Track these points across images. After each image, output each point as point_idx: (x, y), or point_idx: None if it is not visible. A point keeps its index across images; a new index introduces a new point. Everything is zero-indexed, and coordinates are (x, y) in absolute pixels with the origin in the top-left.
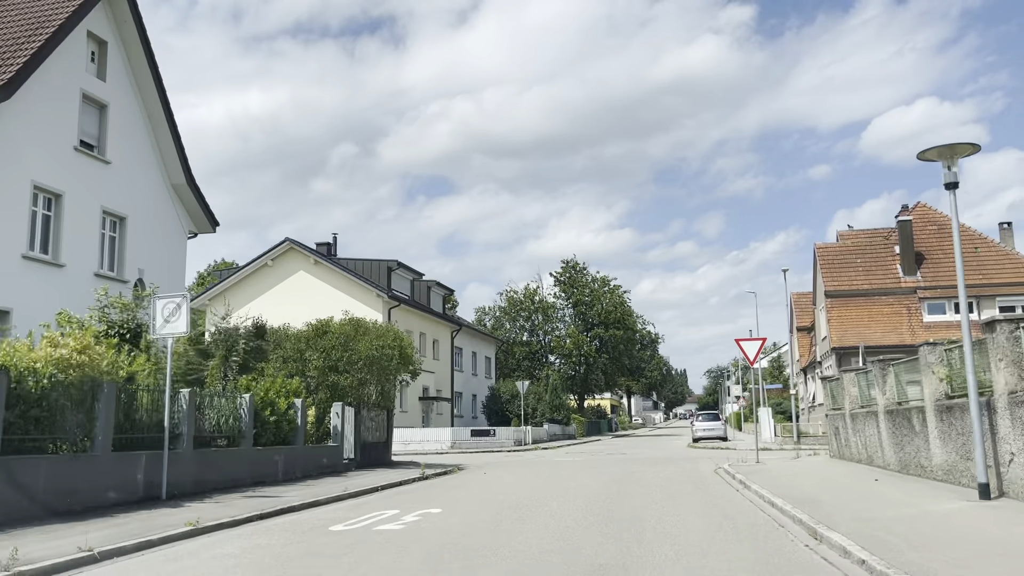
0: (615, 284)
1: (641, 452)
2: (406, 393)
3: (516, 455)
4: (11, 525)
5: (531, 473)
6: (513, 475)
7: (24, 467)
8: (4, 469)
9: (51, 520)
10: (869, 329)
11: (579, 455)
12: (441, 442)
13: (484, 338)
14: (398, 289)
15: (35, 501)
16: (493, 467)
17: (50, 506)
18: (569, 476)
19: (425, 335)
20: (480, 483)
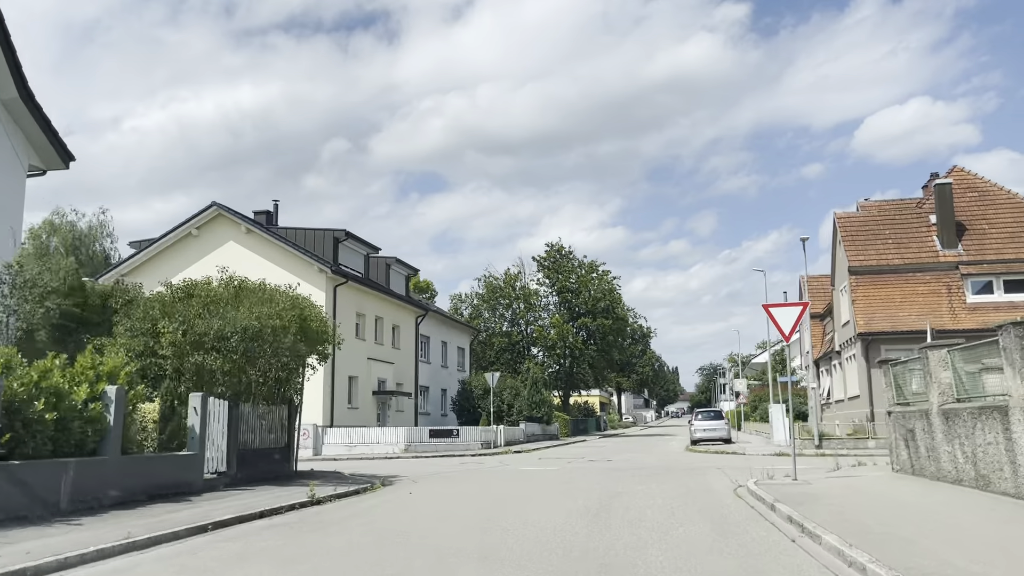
0: (604, 270)
1: (630, 457)
2: (356, 387)
3: (478, 461)
4: None
5: (474, 493)
6: (446, 497)
7: None
8: None
9: None
10: (902, 311)
11: (554, 462)
12: (394, 444)
13: (456, 326)
14: (348, 264)
15: None
16: (433, 481)
17: None
18: (524, 500)
19: (382, 320)
20: (384, 515)
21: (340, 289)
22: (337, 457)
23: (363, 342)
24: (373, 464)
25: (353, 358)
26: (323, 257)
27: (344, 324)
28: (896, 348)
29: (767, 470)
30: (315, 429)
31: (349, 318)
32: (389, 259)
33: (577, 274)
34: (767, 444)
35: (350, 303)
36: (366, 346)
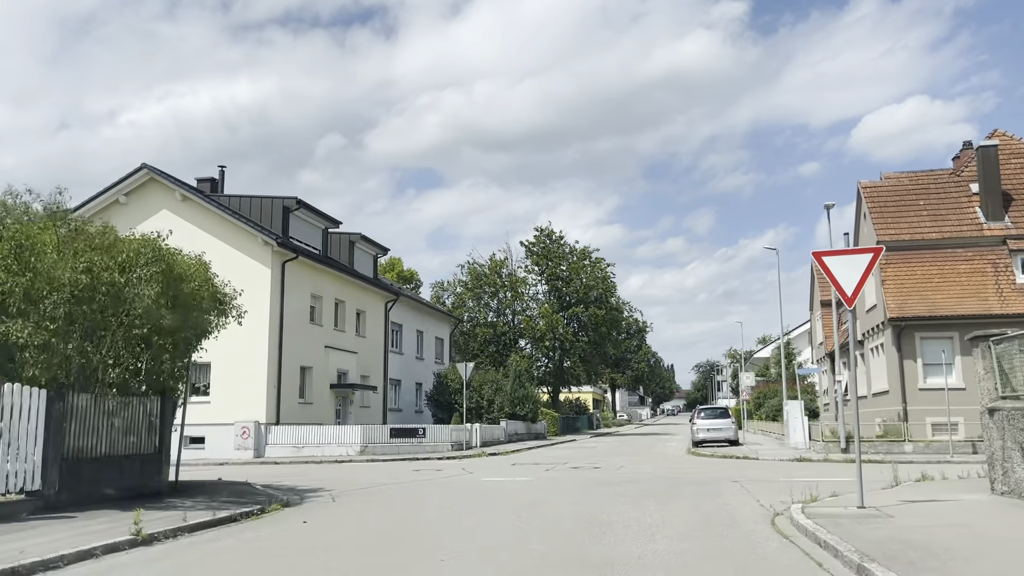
0: (597, 257)
1: (623, 464)
2: (310, 378)
3: (437, 467)
4: None
5: (391, 526)
6: (341, 535)
7: None
8: None
9: None
10: (940, 293)
11: (529, 470)
12: (348, 446)
13: (434, 314)
14: (302, 239)
15: None
16: (358, 499)
17: None
18: (452, 543)
19: (344, 304)
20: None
21: (290, 266)
22: (280, 460)
23: (319, 328)
24: (317, 470)
25: (306, 345)
26: (271, 229)
27: (295, 306)
28: (933, 336)
29: (806, 487)
30: (256, 427)
31: (301, 300)
32: (352, 235)
33: (568, 261)
34: (781, 447)
35: (302, 282)
36: (323, 332)
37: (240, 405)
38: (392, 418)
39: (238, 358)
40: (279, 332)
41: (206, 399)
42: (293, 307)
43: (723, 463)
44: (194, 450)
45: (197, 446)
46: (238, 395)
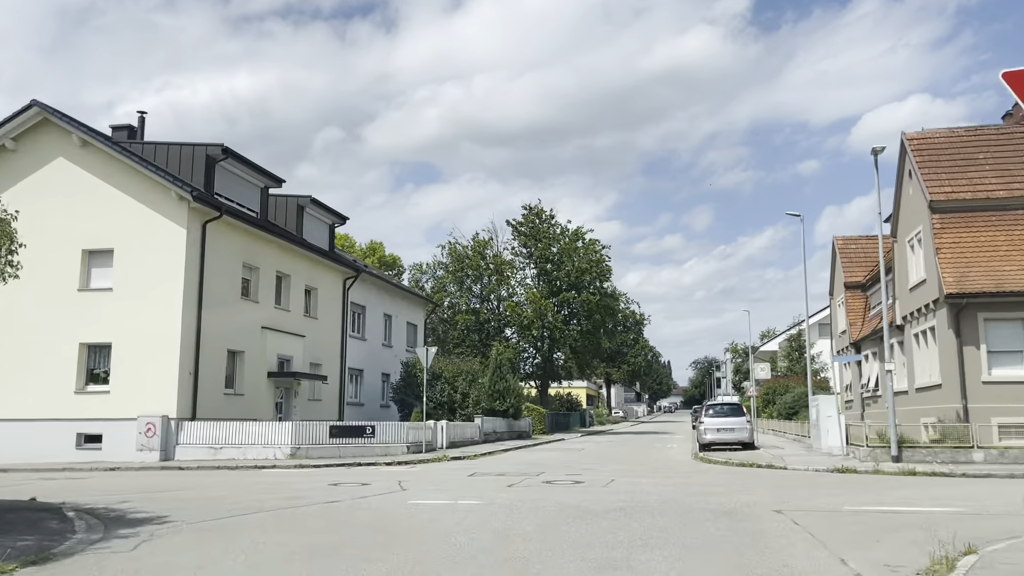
0: (591, 239)
1: (617, 475)
2: (241, 365)
3: (374, 478)
4: None
5: None
6: None
7: None
8: None
9: None
10: (1009, 264)
11: (487, 486)
12: (277, 447)
13: (406, 296)
14: (233, 197)
15: None
16: (193, 538)
17: None
18: None
19: (289, 278)
20: None
21: (214, 228)
22: (189, 465)
23: (254, 305)
24: (218, 482)
25: (236, 325)
26: (192, 184)
27: (221, 278)
28: (1001, 317)
29: (915, 529)
30: (165, 424)
31: (229, 270)
32: (301, 198)
33: (560, 243)
34: (809, 452)
35: (231, 249)
36: (260, 311)
37: (147, 396)
38: (351, 413)
39: (145, 338)
40: (197, 307)
41: (104, 388)
42: (218, 278)
43: (746, 476)
44: (89, 451)
45: (92, 446)
46: (144, 384)
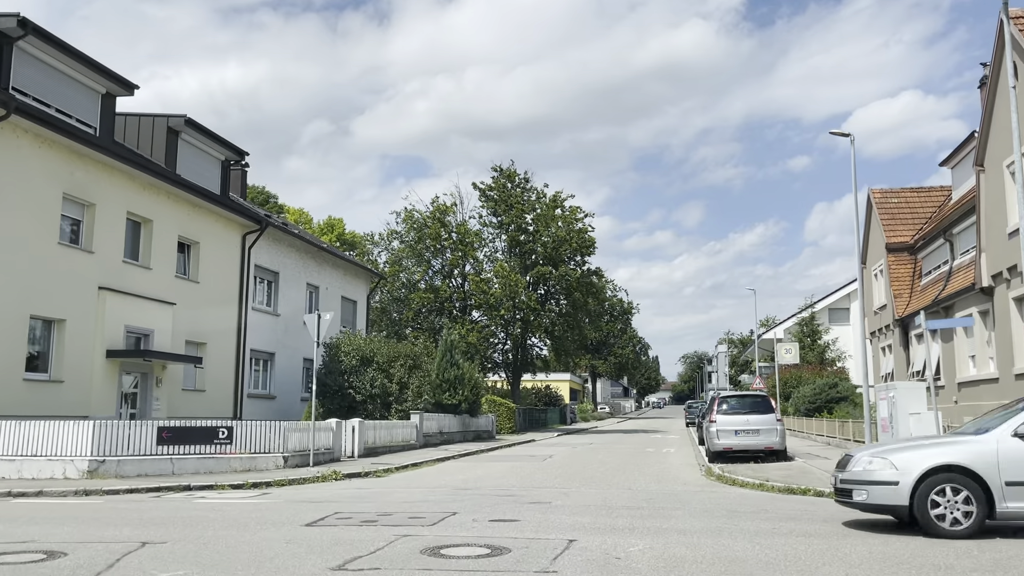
0: (572, 206)
1: (581, 528)
2: (60, 340)
3: (140, 526)
4: None
5: None
6: None
7: None
8: None
9: None
10: None
11: (298, 569)
12: (67, 461)
13: (339, 264)
14: (53, 101)
15: None
16: None
17: None
18: None
19: (151, 224)
20: None
21: (4, 128)
22: None
23: (85, 255)
24: None
25: (52, 282)
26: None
27: (21, 210)
28: None
29: None
30: None
31: (37, 201)
32: (173, 118)
33: (535, 210)
34: None
35: (39, 171)
36: (95, 264)
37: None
38: (255, 409)
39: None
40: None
41: None
42: (15, 212)
43: (830, 533)
44: None
45: None
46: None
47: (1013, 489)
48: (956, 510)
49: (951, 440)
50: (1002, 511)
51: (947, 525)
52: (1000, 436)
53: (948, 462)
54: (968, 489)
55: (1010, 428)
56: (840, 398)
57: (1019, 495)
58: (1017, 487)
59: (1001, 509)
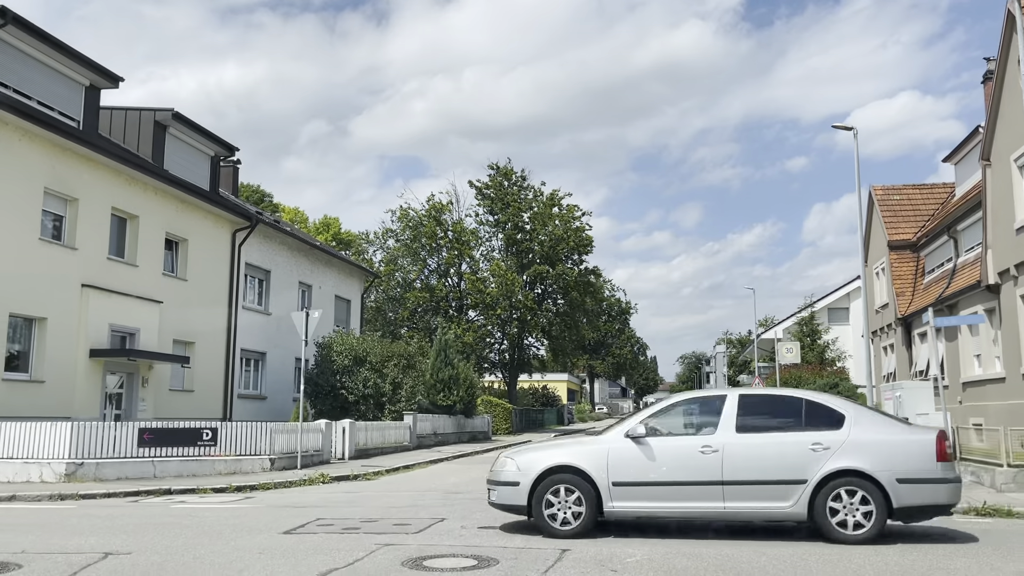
0: (569, 204)
1: (573, 540)
2: (41, 338)
3: (111, 533)
4: None
5: None
6: None
7: None
8: None
9: None
10: None
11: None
12: (44, 464)
13: (332, 263)
14: (34, 93)
15: None
16: None
17: None
18: None
19: (136, 219)
20: None
21: None
22: None
23: (70, 253)
24: None
25: (33, 279)
26: None
27: (0, 205)
28: None
29: None
30: None
31: (17, 195)
32: (161, 112)
33: (531, 206)
34: None
35: (22, 165)
36: (78, 261)
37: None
38: (248, 409)
39: None
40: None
41: None
42: None
43: None
44: None
45: None
46: None
47: (619, 489)
48: (568, 510)
49: (577, 442)
50: (609, 510)
51: (558, 524)
52: (614, 438)
53: (564, 463)
54: (580, 490)
55: (623, 430)
56: None
57: (624, 495)
58: (622, 487)
59: (608, 509)
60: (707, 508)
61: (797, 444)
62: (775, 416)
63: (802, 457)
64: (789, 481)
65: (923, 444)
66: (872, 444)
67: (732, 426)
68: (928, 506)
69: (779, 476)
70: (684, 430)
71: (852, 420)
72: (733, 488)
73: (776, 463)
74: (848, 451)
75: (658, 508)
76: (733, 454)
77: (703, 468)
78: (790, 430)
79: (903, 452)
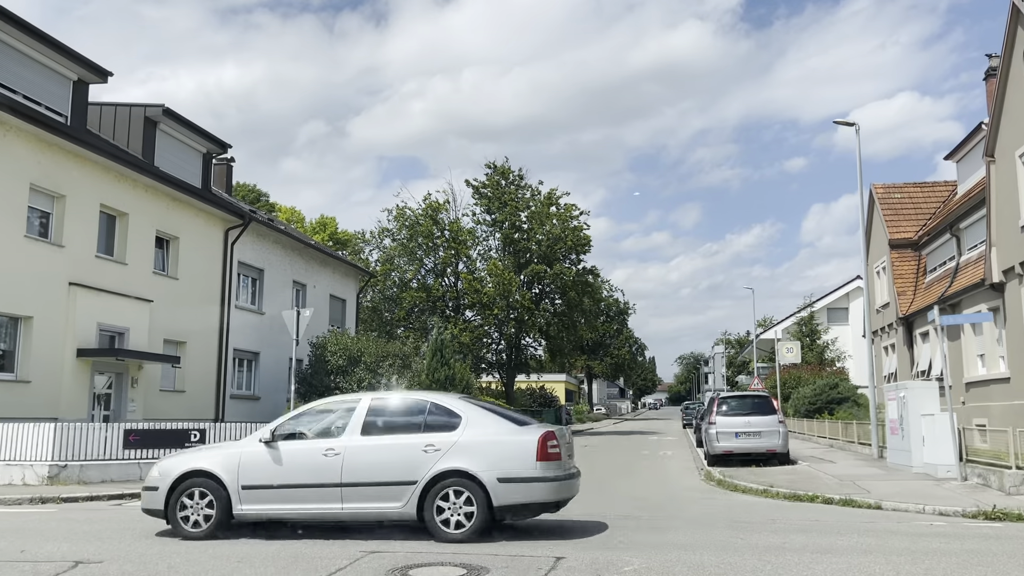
0: (567, 204)
1: (571, 547)
2: (27, 337)
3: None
4: None
5: None
6: None
7: None
8: None
9: None
10: None
11: None
12: (26, 466)
13: (327, 262)
14: (19, 87)
15: None
16: None
17: None
18: None
19: (126, 218)
20: None
21: None
22: None
23: (55, 249)
24: None
25: (19, 277)
26: None
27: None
28: None
29: None
30: None
31: (1, 189)
32: (151, 108)
33: (528, 206)
34: (879, 467)
35: (2, 158)
36: (65, 259)
37: None
38: (241, 409)
39: None
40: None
41: None
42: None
43: (832, 531)
44: None
45: None
46: None
47: (248, 492)
48: (200, 512)
49: (218, 447)
50: (239, 512)
51: (189, 527)
52: (248, 442)
53: (199, 468)
54: (212, 493)
55: (259, 434)
56: (841, 399)
57: (252, 498)
58: (251, 490)
59: (237, 511)
60: (328, 509)
61: (412, 446)
62: (401, 419)
63: (415, 459)
64: (401, 482)
65: (525, 444)
66: (480, 445)
67: (358, 429)
68: (528, 504)
69: (392, 478)
70: (317, 435)
71: (468, 422)
72: (351, 490)
73: (391, 465)
74: (458, 452)
75: (283, 510)
76: (353, 457)
77: (325, 470)
78: (410, 432)
79: (506, 452)
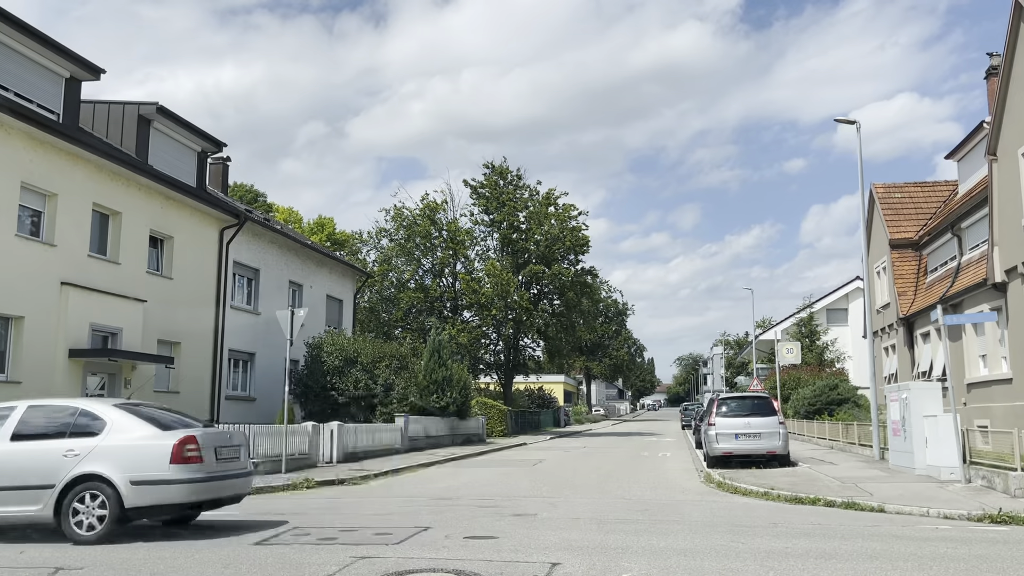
0: (566, 204)
1: (569, 553)
2: (18, 337)
3: None
4: None
5: None
6: None
7: None
8: None
9: None
10: None
11: None
12: None
13: (324, 262)
14: (12, 86)
15: None
16: None
17: None
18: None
19: (119, 216)
20: None
21: None
22: None
23: (46, 248)
24: None
25: (8, 276)
26: None
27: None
28: None
29: None
30: None
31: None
32: (145, 106)
33: (527, 206)
34: (881, 470)
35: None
36: (57, 258)
37: None
38: (236, 411)
39: None
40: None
41: None
42: None
43: (836, 538)
44: None
45: None
46: None
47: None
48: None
49: None
50: (130, 508)
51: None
52: None
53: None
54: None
55: None
56: (841, 400)
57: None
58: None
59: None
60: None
61: (53, 451)
62: (50, 425)
63: (55, 463)
64: (39, 486)
65: (161, 448)
66: (119, 449)
67: (8, 436)
68: (160, 505)
69: (31, 482)
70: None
71: (112, 427)
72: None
73: (31, 470)
74: (97, 456)
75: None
76: None
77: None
78: (56, 438)
79: (142, 456)
